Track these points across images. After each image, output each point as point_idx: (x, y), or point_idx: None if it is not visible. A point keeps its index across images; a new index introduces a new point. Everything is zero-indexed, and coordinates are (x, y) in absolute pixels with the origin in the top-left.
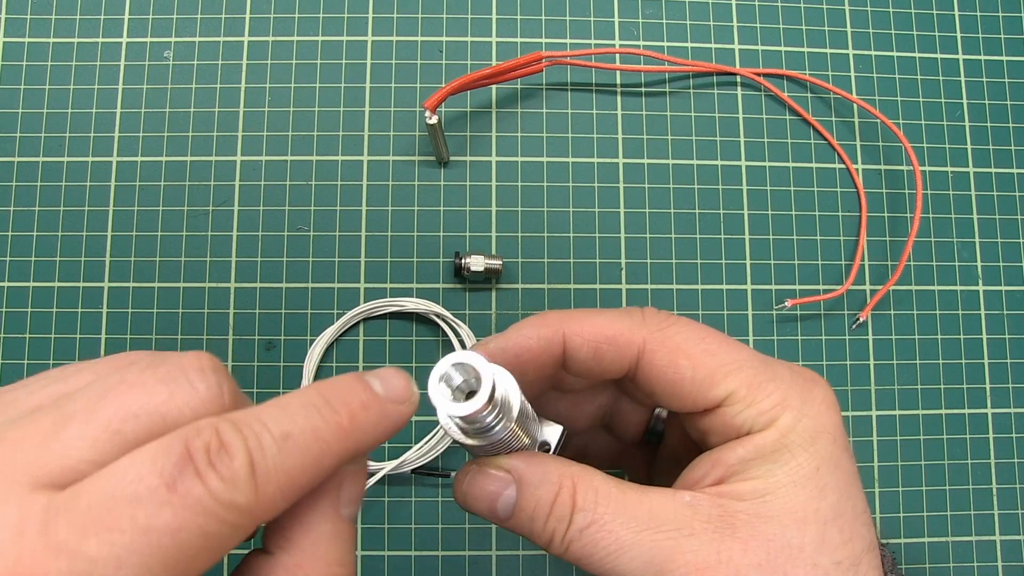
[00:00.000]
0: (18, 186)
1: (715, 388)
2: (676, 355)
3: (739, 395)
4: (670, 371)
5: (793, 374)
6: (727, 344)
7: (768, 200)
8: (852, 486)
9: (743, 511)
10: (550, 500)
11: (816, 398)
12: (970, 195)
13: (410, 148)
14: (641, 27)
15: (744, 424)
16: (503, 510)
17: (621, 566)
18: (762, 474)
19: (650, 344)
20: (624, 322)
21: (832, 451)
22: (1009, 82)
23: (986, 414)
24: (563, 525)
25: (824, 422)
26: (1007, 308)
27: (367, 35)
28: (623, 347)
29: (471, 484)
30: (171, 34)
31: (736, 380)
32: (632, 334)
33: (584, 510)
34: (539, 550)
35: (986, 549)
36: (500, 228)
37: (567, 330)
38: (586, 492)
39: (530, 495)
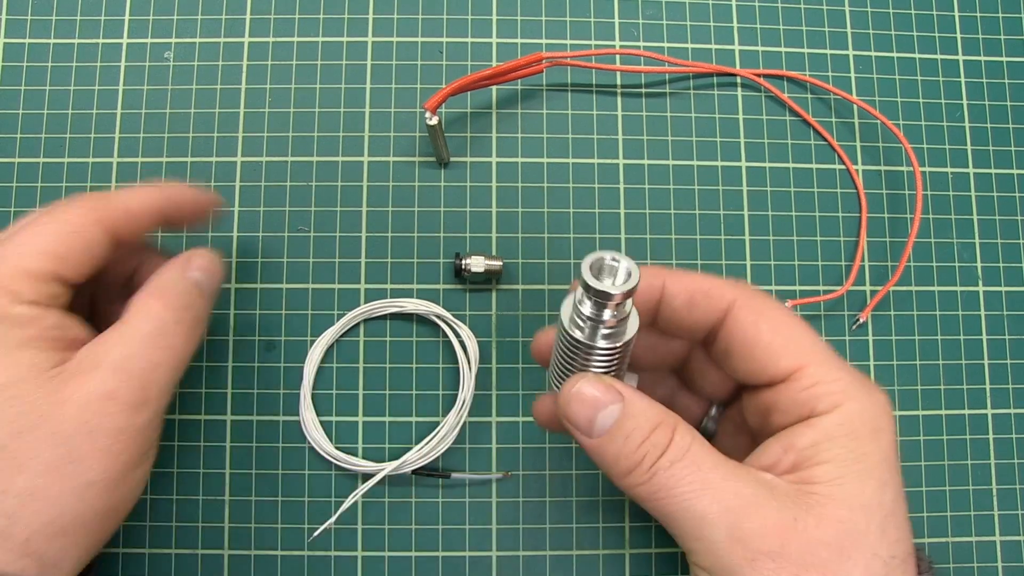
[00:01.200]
0: (18, 187)
1: (787, 358)
2: (760, 317)
3: (808, 371)
4: (751, 331)
5: (858, 373)
6: (806, 328)
7: (768, 201)
8: (902, 488)
9: (818, 492)
10: (651, 426)
11: (879, 398)
12: (970, 196)
13: (410, 149)
14: (641, 28)
15: (808, 402)
16: (601, 423)
17: (701, 505)
18: (833, 457)
19: (740, 301)
20: (718, 280)
21: (891, 449)
22: (1009, 83)
23: (986, 415)
24: (656, 452)
25: (886, 421)
26: (1007, 309)
27: (367, 36)
28: (715, 299)
29: (580, 391)
30: (171, 35)
31: (808, 357)
32: (725, 290)
33: (680, 446)
34: (539, 551)
35: (986, 550)
36: (500, 229)
37: (668, 279)
38: (684, 433)
39: (634, 416)
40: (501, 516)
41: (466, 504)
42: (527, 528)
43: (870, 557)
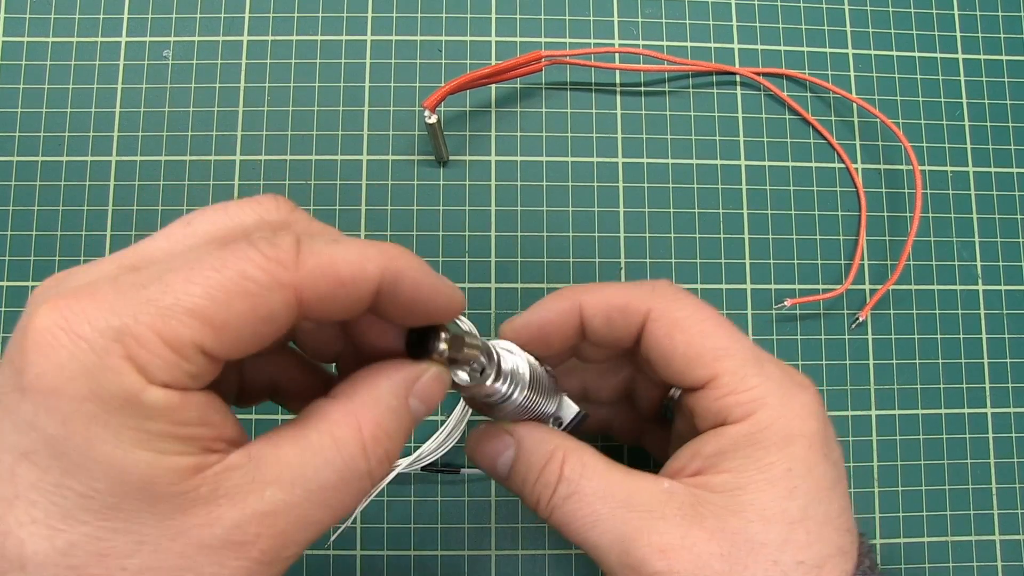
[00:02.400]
0: (17, 185)
1: (700, 369)
2: (673, 328)
3: (721, 381)
4: (665, 342)
5: (783, 374)
6: (725, 330)
7: (767, 199)
8: (827, 491)
9: (713, 502)
10: (540, 466)
11: (797, 402)
12: (970, 195)
13: (409, 148)
14: (640, 26)
15: (721, 412)
16: (502, 467)
17: (594, 538)
18: (734, 467)
19: (653, 314)
20: (634, 291)
21: (807, 455)
22: (1009, 82)
23: (986, 414)
24: (548, 491)
25: (801, 426)
26: (1007, 308)
27: (366, 35)
28: (631, 315)
29: (479, 440)
30: (170, 33)
31: (721, 366)
32: (640, 303)
33: (568, 480)
34: (539, 550)
35: (986, 549)
36: (499, 228)
37: (582, 300)
38: (574, 465)
39: (525, 458)
40: (500, 515)
41: (465, 503)
42: (526, 527)
43: (769, 565)
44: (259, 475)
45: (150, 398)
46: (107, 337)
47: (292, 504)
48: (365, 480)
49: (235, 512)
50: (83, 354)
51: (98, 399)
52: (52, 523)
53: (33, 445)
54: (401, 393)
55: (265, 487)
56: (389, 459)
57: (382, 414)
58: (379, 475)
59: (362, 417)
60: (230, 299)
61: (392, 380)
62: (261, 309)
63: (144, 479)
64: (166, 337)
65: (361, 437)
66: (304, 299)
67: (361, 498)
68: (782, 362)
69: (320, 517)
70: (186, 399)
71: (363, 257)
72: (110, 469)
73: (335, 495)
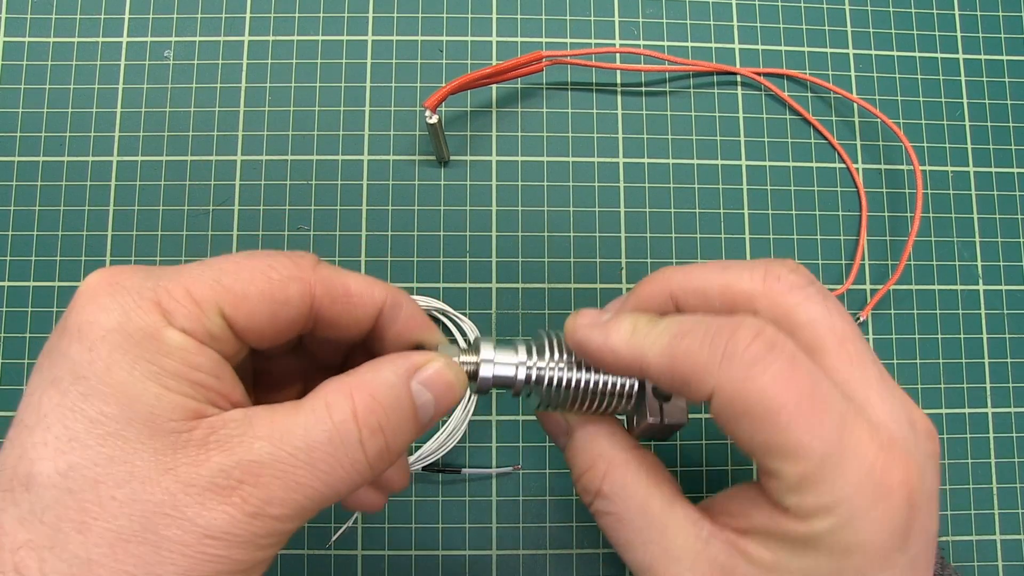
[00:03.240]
0: (18, 185)
1: (767, 458)
2: (740, 416)
3: (787, 479)
4: (731, 425)
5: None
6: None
7: (768, 199)
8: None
9: (742, 573)
10: (582, 469)
11: (873, 514)
12: (970, 194)
13: (410, 148)
14: (641, 26)
15: (783, 502)
16: (560, 447)
17: (626, 557)
18: (779, 552)
19: (718, 391)
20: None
21: (883, 557)
22: (1009, 81)
23: (986, 413)
24: (588, 496)
25: (886, 530)
26: (1007, 307)
27: (367, 35)
28: (694, 389)
29: (543, 418)
30: (171, 33)
31: (790, 466)
32: (704, 373)
33: (607, 498)
34: (540, 550)
35: (986, 548)
36: (500, 227)
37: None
38: (613, 483)
39: (572, 453)
40: (501, 514)
41: (466, 503)
42: (527, 527)
43: None
44: (251, 430)
45: (169, 336)
46: (144, 286)
47: (278, 458)
48: (357, 450)
49: (222, 457)
50: (120, 296)
51: (123, 331)
52: (60, 445)
53: (60, 372)
54: (401, 372)
55: (255, 440)
56: (384, 432)
57: (378, 387)
58: (372, 449)
59: (356, 387)
60: (254, 277)
61: (394, 361)
62: (279, 293)
63: (149, 410)
64: (193, 293)
65: (352, 403)
66: (317, 299)
67: (356, 473)
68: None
69: (308, 479)
70: (201, 349)
71: (371, 283)
72: (121, 395)
73: (323, 457)
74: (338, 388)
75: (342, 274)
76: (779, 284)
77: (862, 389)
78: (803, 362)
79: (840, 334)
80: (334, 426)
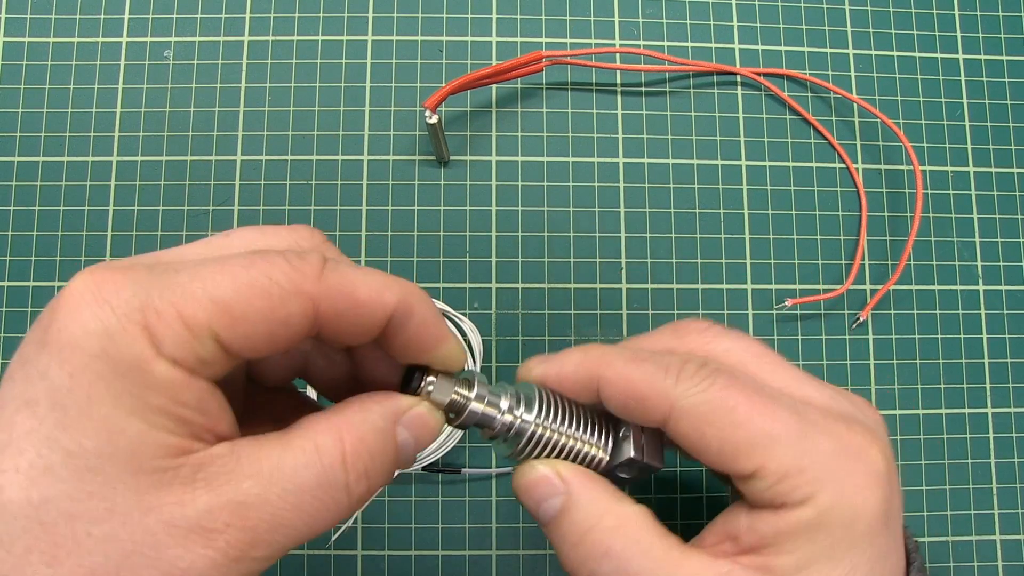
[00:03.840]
0: (18, 185)
1: (741, 461)
2: (702, 425)
3: (768, 470)
4: (695, 439)
5: (838, 445)
6: (762, 411)
7: (768, 199)
8: (882, 558)
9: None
10: (585, 528)
11: (858, 474)
12: (970, 194)
13: (410, 148)
14: (641, 27)
15: (775, 498)
16: (545, 512)
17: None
18: (796, 550)
19: (676, 412)
20: (655, 382)
21: (869, 530)
22: (1009, 81)
23: (986, 413)
24: (590, 562)
25: (864, 502)
26: (1007, 307)
27: (367, 35)
28: (651, 408)
29: (527, 474)
30: (171, 33)
31: (765, 455)
32: (660, 398)
33: (616, 557)
34: (540, 550)
35: (986, 549)
36: (500, 228)
37: (601, 378)
38: (625, 540)
39: (571, 513)
40: (501, 515)
41: (466, 503)
42: (527, 527)
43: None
44: (239, 468)
45: (157, 370)
46: (131, 306)
47: (266, 500)
48: (342, 494)
49: (209, 497)
50: (105, 316)
51: (108, 359)
52: (33, 475)
53: (36, 395)
54: (388, 416)
55: (243, 479)
56: (368, 478)
57: (367, 431)
58: (356, 493)
59: (345, 430)
60: (252, 295)
61: (381, 404)
62: (279, 311)
63: (131, 447)
64: (185, 316)
65: (342, 447)
66: (321, 312)
67: (337, 515)
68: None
69: (293, 520)
70: (190, 382)
71: (383, 285)
72: (102, 429)
73: (311, 500)
74: (327, 429)
75: (351, 278)
76: (688, 336)
77: (796, 386)
78: (742, 374)
79: (755, 352)
80: (323, 469)
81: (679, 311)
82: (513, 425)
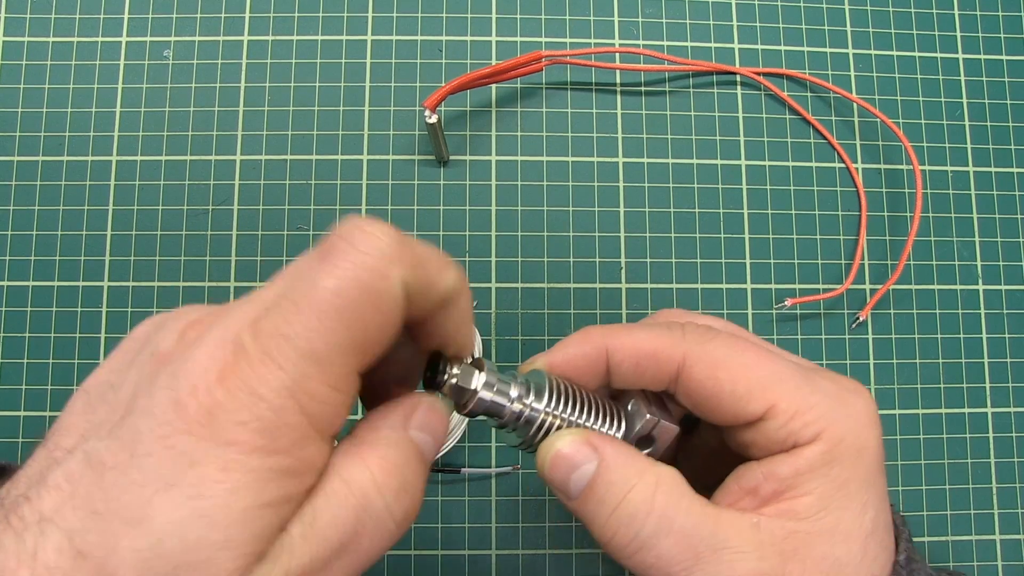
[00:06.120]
0: (17, 185)
1: (755, 402)
2: (715, 369)
3: (780, 408)
4: (709, 384)
5: (836, 386)
6: (767, 357)
7: (768, 199)
8: (884, 499)
9: (802, 530)
10: (626, 489)
11: (859, 411)
12: (970, 194)
13: (410, 147)
14: (641, 26)
15: (788, 438)
16: (577, 483)
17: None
18: (815, 488)
19: (689, 359)
20: (664, 338)
21: (873, 466)
22: (1009, 81)
23: (986, 413)
24: (635, 523)
25: (868, 436)
26: (1007, 307)
27: (367, 34)
28: (664, 362)
29: (551, 448)
30: (170, 33)
31: (776, 393)
32: (672, 349)
33: (663, 516)
34: (539, 549)
35: (986, 548)
36: (500, 227)
37: (609, 346)
38: (669, 495)
39: (606, 476)
40: (501, 514)
41: (466, 502)
42: (527, 527)
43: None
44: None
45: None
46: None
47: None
48: (386, 517)
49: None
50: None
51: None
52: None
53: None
54: (398, 426)
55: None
56: (406, 492)
57: (386, 449)
58: (400, 511)
59: (367, 454)
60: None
61: (387, 417)
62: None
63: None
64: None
65: (370, 474)
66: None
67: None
68: (828, 370)
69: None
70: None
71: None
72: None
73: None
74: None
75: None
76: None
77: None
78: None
79: (739, 328)
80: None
81: None
82: (523, 414)
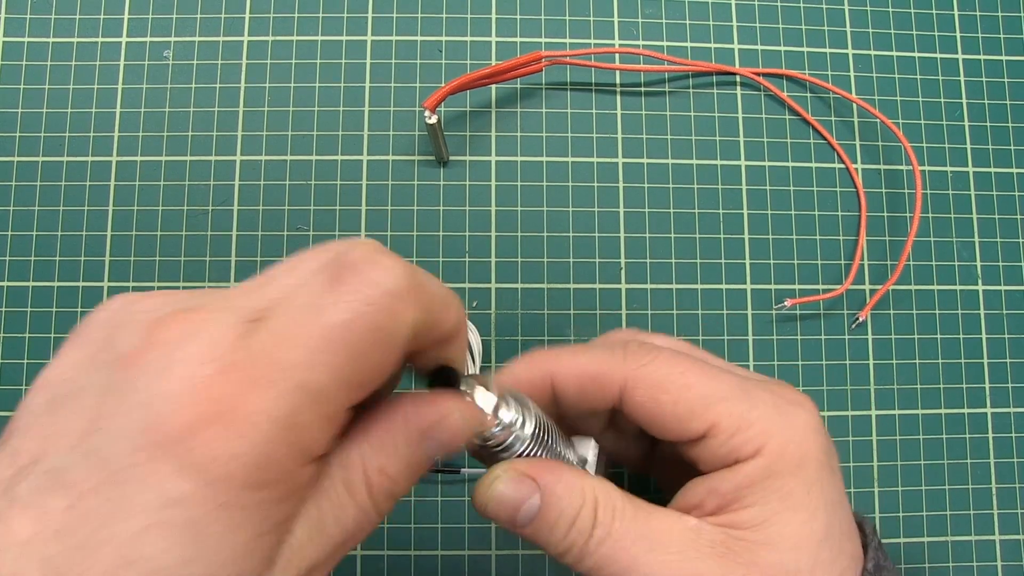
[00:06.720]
0: (17, 185)
1: (696, 421)
2: (655, 391)
3: (721, 426)
4: (651, 406)
5: (775, 399)
6: (708, 374)
7: (767, 200)
8: (838, 504)
9: (744, 538)
10: (574, 512)
11: (799, 423)
12: (969, 195)
13: (409, 148)
14: (641, 27)
15: (730, 454)
16: (524, 517)
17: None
18: (757, 501)
19: (630, 382)
20: (606, 361)
21: (819, 474)
22: (1009, 82)
23: (985, 413)
24: (583, 538)
25: (809, 446)
26: (1007, 308)
27: (367, 35)
28: (606, 385)
29: (492, 488)
30: (170, 34)
31: (716, 412)
32: (613, 372)
33: (603, 525)
34: (539, 550)
35: (986, 549)
36: (499, 228)
37: (552, 371)
38: (606, 508)
39: (555, 505)
40: None
41: (465, 503)
42: None
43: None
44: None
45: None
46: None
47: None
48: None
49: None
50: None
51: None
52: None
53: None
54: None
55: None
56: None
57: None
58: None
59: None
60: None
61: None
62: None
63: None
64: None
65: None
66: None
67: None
68: (766, 381)
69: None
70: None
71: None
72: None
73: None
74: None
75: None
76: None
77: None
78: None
79: (685, 344)
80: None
81: (678, 311)
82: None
